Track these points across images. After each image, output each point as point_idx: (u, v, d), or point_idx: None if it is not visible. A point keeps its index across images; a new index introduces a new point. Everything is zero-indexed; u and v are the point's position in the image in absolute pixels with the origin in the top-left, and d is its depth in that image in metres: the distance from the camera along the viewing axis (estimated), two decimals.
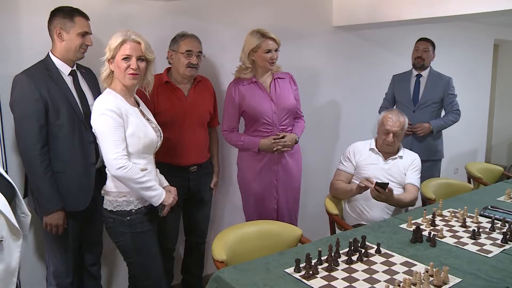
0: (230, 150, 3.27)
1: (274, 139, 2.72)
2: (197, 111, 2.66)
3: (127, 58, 2.01)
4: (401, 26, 3.86)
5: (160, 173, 2.29)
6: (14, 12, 2.36)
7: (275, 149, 2.72)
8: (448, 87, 3.63)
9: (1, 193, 1.36)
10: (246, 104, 2.73)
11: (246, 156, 2.83)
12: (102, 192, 2.13)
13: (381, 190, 2.48)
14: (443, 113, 3.74)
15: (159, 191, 2.07)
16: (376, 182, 2.49)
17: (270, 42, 2.68)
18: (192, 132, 2.63)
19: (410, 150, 3.01)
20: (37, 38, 2.38)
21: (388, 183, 2.49)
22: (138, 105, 2.17)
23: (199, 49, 2.61)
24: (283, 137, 2.74)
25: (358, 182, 2.65)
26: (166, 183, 2.28)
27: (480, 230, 2.21)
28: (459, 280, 1.72)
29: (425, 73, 3.69)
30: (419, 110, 3.63)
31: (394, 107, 3.78)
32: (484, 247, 2.03)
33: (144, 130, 2.06)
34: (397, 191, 2.71)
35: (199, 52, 2.60)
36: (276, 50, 2.72)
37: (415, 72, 3.72)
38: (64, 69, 2.23)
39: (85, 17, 2.24)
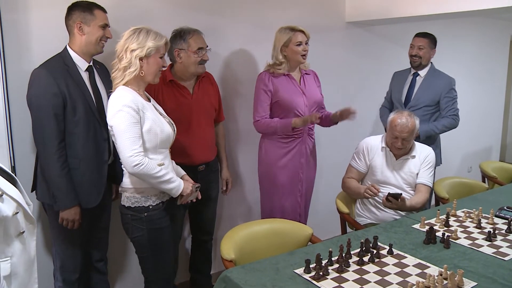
0: (235, 147, 3.24)
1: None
2: (203, 109, 2.62)
3: (161, 56, 2.05)
4: (414, 22, 3.79)
5: None
6: (25, 8, 2.34)
7: (309, 120, 2.63)
8: (446, 89, 3.24)
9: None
10: (279, 95, 2.72)
11: (273, 149, 2.79)
12: (120, 189, 2.11)
13: (394, 201, 2.45)
14: None
15: (177, 183, 2.06)
16: (389, 193, 2.45)
17: (300, 34, 2.69)
18: (199, 131, 2.59)
19: None
20: (48, 34, 2.37)
21: (401, 194, 2.45)
22: (149, 100, 2.15)
23: (206, 43, 2.57)
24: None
25: (368, 184, 2.63)
26: (183, 173, 2.27)
27: (496, 231, 2.15)
28: (475, 284, 1.67)
29: (423, 72, 3.35)
30: None
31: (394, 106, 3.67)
32: (501, 250, 1.97)
33: (160, 125, 2.05)
34: (406, 192, 2.66)
35: (207, 46, 2.57)
36: (306, 43, 2.72)
37: (412, 71, 3.41)
38: (82, 64, 2.22)
39: (103, 10, 2.24)
